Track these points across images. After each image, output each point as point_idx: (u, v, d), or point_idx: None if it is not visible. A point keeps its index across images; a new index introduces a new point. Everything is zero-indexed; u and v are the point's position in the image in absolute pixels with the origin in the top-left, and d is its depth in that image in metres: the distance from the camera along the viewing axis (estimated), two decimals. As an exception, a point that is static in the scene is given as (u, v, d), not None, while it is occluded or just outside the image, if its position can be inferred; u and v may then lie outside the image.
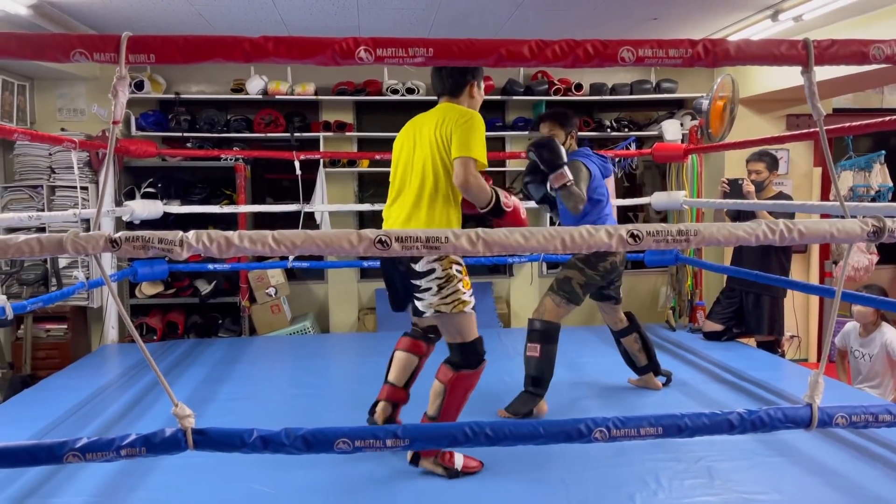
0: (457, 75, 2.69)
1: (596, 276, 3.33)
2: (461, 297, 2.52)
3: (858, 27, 4.42)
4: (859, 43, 1.58)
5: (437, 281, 2.51)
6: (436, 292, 2.51)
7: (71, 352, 4.96)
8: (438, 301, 2.51)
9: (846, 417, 1.60)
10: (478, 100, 2.77)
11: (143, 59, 1.41)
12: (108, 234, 1.40)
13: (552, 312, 3.32)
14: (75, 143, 3.68)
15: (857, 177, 5.74)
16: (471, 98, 2.73)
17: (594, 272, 3.33)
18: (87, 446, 1.46)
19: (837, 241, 1.55)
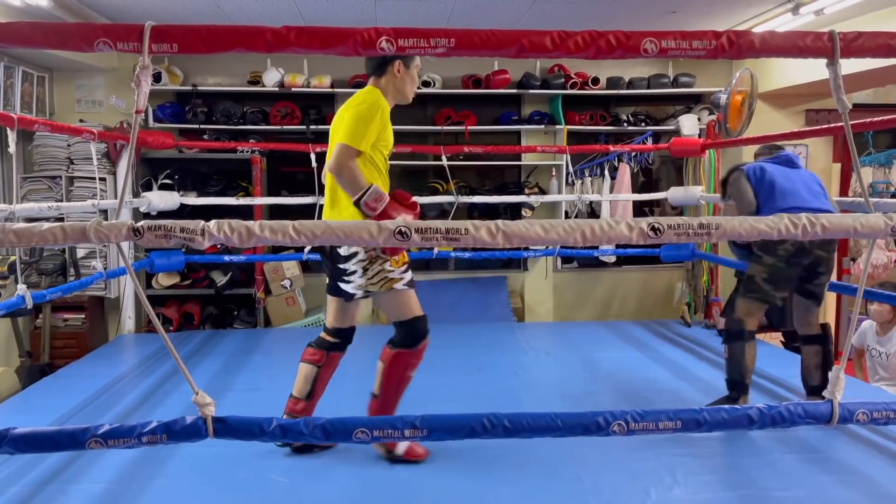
0: (374, 60, 2.66)
1: (779, 262, 3.00)
2: (388, 275, 2.53)
3: (880, 21, 4.36)
4: (886, 35, 1.56)
5: (361, 263, 2.53)
6: (361, 274, 2.54)
7: (88, 341, 5.00)
8: (366, 282, 2.54)
9: (867, 414, 1.58)
10: (406, 80, 2.68)
11: (166, 49, 1.42)
12: (130, 223, 1.41)
13: (741, 309, 3.14)
14: (94, 135, 3.71)
15: (876, 173, 5.67)
16: (394, 77, 2.66)
17: (774, 258, 3.01)
18: (109, 433, 1.48)
19: (860, 236, 1.53)
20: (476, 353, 4.37)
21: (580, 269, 6.19)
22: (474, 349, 4.48)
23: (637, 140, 5.79)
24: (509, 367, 4.10)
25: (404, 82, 2.69)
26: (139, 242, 1.42)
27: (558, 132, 5.82)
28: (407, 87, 2.71)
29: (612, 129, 5.91)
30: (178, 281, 5.35)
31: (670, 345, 4.67)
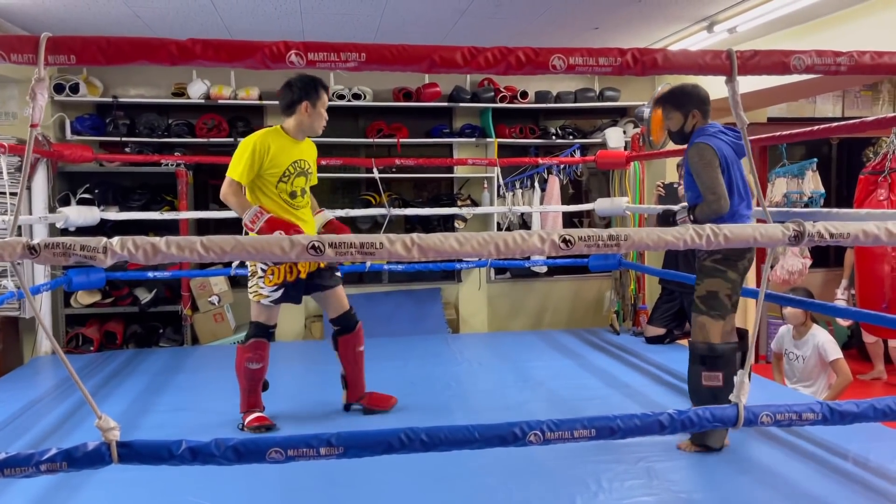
0: (287, 94, 3.15)
1: (738, 276, 2.85)
2: (259, 290, 3.17)
3: (791, 38, 4.58)
4: (780, 53, 1.64)
5: (250, 275, 3.23)
6: (250, 283, 3.23)
7: (1, 364, 4.75)
8: (249, 289, 3.23)
9: (771, 416, 1.65)
10: (312, 116, 3.15)
11: (64, 61, 1.37)
12: (25, 241, 1.35)
13: (717, 332, 2.83)
14: (4, 148, 3.55)
15: (790, 183, 5.95)
16: (303, 115, 3.14)
17: (736, 273, 2.84)
18: (4, 462, 1.40)
19: (760, 244, 1.60)
20: (409, 366, 4.36)
21: (513, 280, 6.26)
22: (408, 362, 4.46)
23: (566, 153, 5.91)
24: (442, 380, 4.10)
25: (315, 120, 3.16)
26: (36, 261, 1.36)
27: (489, 145, 5.89)
28: (315, 124, 3.18)
29: (542, 141, 6.02)
30: (100, 299, 5.14)
31: (600, 352, 4.76)
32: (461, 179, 6.06)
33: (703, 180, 2.79)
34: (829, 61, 1.63)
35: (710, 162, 2.79)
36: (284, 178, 3.13)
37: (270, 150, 3.07)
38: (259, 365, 3.20)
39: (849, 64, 1.64)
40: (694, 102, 2.96)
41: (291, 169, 3.14)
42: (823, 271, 7.01)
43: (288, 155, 3.13)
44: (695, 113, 2.95)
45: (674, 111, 3.00)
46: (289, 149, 3.14)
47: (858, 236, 1.62)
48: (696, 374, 2.86)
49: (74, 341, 5.06)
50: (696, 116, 2.95)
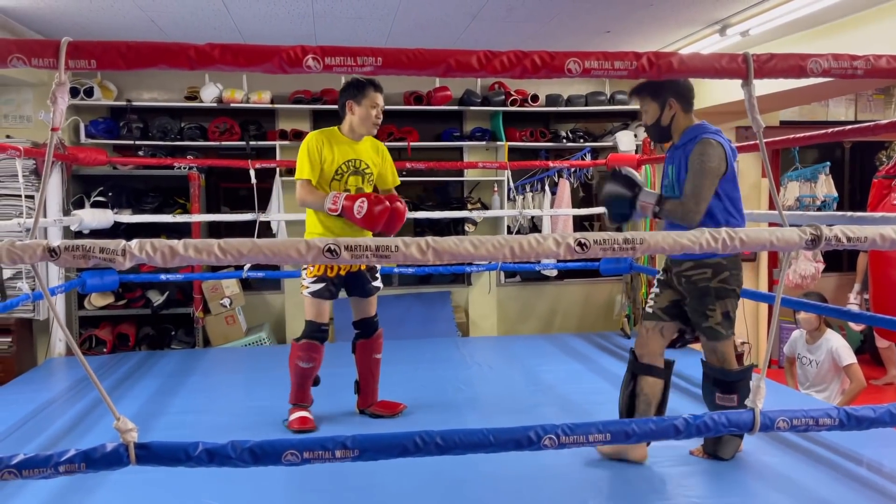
0: (340, 96, 3.26)
1: (738, 289, 2.67)
2: (302, 282, 3.27)
3: (804, 42, 4.57)
4: (797, 57, 1.63)
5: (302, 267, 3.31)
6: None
7: (16, 366, 4.79)
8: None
9: (787, 421, 1.64)
10: (358, 114, 3.19)
11: (84, 66, 1.38)
12: (46, 244, 1.36)
13: (731, 354, 2.69)
14: (20, 151, 3.58)
15: (803, 187, 5.92)
16: (351, 115, 3.21)
17: (739, 288, 2.67)
18: (23, 463, 1.41)
19: (777, 248, 1.59)
20: (420, 370, 4.36)
21: (523, 284, 6.25)
22: (418, 365, 4.47)
23: (576, 156, 5.90)
24: (453, 383, 4.09)
25: (360, 116, 3.19)
26: (56, 263, 1.37)
27: (500, 148, 5.89)
28: (363, 123, 3.20)
29: (552, 145, 6.01)
30: (113, 301, 5.18)
31: (611, 356, 4.75)
32: (471, 183, 6.06)
33: (695, 183, 2.48)
34: (846, 65, 1.62)
35: (714, 169, 2.48)
36: (337, 176, 3.18)
37: (322, 148, 3.15)
38: (309, 364, 3.25)
39: (865, 68, 1.63)
40: (670, 91, 2.62)
41: (343, 167, 3.18)
42: (836, 275, 6.97)
43: (340, 154, 3.18)
44: (671, 102, 2.63)
45: (650, 101, 2.67)
46: (341, 148, 3.20)
47: (875, 240, 1.61)
48: (711, 394, 2.73)
49: (88, 343, 5.09)
50: (673, 107, 2.64)
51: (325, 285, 3.22)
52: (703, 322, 2.64)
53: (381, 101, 3.22)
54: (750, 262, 6.38)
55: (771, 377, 4.68)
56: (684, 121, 2.66)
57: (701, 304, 2.63)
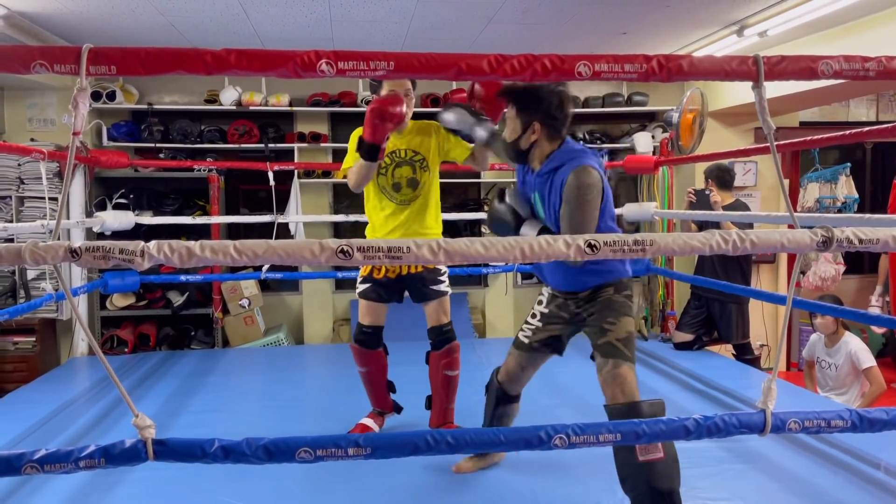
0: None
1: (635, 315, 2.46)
2: (357, 283, 3.13)
3: (823, 42, 4.53)
4: (808, 59, 1.63)
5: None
6: None
7: (39, 365, 4.89)
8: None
9: (799, 423, 1.64)
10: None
11: (105, 71, 1.42)
12: (67, 245, 1.40)
13: (634, 385, 2.28)
14: (44, 154, 3.65)
15: (823, 188, 5.86)
16: None
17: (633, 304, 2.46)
18: (45, 458, 1.45)
19: (788, 250, 1.59)
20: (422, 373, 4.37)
21: (540, 285, 6.22)
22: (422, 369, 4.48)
23: (593, 157, 5.88)
24: (468, 384, 4.08)
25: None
26: (77, 264, 1.41)
27: (516, 150, 5.89)
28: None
29: (569, 146, 6.00)
30: (134, 301, 5.26)
31: (627, 359, 4.73)
32: (488, 185, 6.07)
33: (576, 220, 2.21)
34: (858, 66, 1.62)
35: (593, 201, 2.21)
36: (382, 170, 2.97)
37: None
38: (365, 368, 3.17)
39: (878, 69, 1.62)
40: (538, 112, 2.30)
41: (388, 160, 2.96)
42: (858, 278, 6.89)
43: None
44: (535, 127, 2.31)
45: (515, 115, 2.35)
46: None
47: (888, 242, 1.60)
48: (627, 450, 2.16)
49: (109, 343, 5.18)
50: (536, 132, 2.31)
51: (371, 286, 3.06)
52: (600, 339, 2.31)
53: (401, 86, 2.90)
54: (769, 265, 6.32)
55: (790, 381, 4.65)
56: (548, 148, 2.33)
57: (601, 318, 2.35)
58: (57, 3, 3.99)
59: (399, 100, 2.72)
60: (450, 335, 3.16)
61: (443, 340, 3.14)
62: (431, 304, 3.14)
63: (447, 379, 3.15)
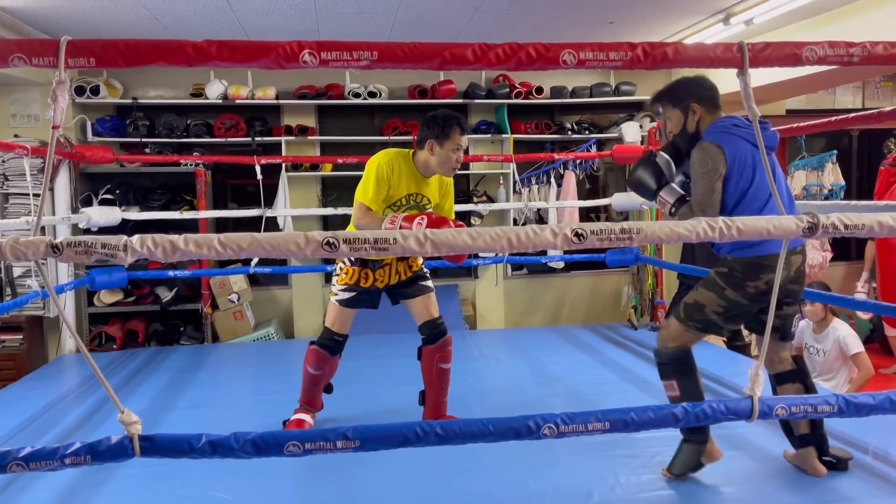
0: (423, 128, 2.96)
1: (743, 299, 2.38)
2: (333, 289, 3.12)
3: (809, 29, 4.54)
4: (792, 45, 1.63)
5: (334, 275, 3.16)
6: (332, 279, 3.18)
7: (27, 362, 4.85)
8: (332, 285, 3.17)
9: (786, 408, 1.64)
10: (438, 156, 2.90)
11: (84, 64, 1.40)
12: (48, 240, 1.38)
13: (677, 336, 2.53)
14: (27, 150, 3.62)
15: (809, 176, 5.89)
16: (430, 154, 2.92)
17: (740, 294, 2.38)
18: (30, 455, 1.44)
19: (774, 236, 1.59)
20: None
21: (530, 276, 6.26)
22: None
23: (581, 148, 5.89)
24: (460, 375, 4.08)
25: (436, 158, 2.92)
26: (59, 259, 1.40)
27: (505, 141, 5.89)
28: (440, 165, 2.93)
29: (558, 137, 6.01)
30: (122, 298, 5.23)
31: (618, 347, 4.76)
32: (477, 176, 6.07)
33: (696, 190, 2.38)
34: (842, 52, 1.62)
35: (711, 171, 2.33)
36: (395, 206, 2.96)
37: (392, 176, 2.92)
38: (318, 372, 3.14)
39: (861, 55, 1.63)
40: (693, 94, 2.48)
41: (404, 200, 2.97)
42: (845, 264, 6.94)
43: (406, 185, 2.96)
44: (694, 107, 2.47)
45: (672, 109, 2.53)
46: (410, 180, 2.96)
47: (874, 227, 1.61)
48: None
49: (98, 340, 5.14)
50: (696, 111, 2.47)
51: (355, 295, 3.06)
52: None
53: (465, 143, 2.92)
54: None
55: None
56: (711, 122, 2.47)
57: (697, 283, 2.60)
58: (38, -3, 3.95)
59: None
60: (444, 328, 3.14)
61: (438, 334, 3.12)
62: (420, 299, 3.13)
63: (442, 372, 3.13)
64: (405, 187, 2.95)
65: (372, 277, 3.05)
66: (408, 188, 2.96)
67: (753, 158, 2.37)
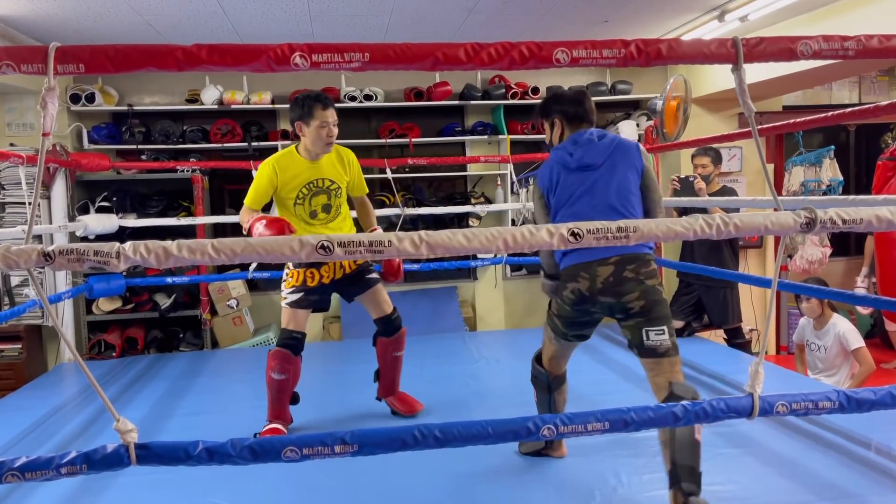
0: (291, 115, 3.11)
1: (565, 305, 2.48)
2: (282, 293, 3.20)
3: (805, 25, 4.53)
4: (787, 40, 1.62)
5: (282, 280, 3.25)
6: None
7: (26, 372, 4.83)
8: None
9: (787, 405, 1.63)
10: (309, 136, 3.05)
11: (73, 70, 1.39)
12: (40, 248, 1.37)
13: (545, 345, 2.75)
14: (22, 159, 3.60)
15: (807, 172, 5.87)
16: (302, 136, 3.08)
17: (561, 301, 2.50)
18: (26, 465, 1.43)
19: (771, 233, 1.58)
20: (427, 365, 4.37)
21: (529, 277, 6.24)
22: (425, 360, 4.47)
23: (579, 147, 5.87)
24: (460, 378, 4.10)
25: (310, 138, 3.06)
26: (51, 267, 1.38)
27: (502, 142, 5.88)
28: (314, 143, 3.06)
29: (555, 137, 5.99)
30: (120, 305, 5.21)
31: (618, 347, 4.74)
32: (474, 177, 6.06)
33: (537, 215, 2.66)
34: (837, 46, 1.61)
35: (536, 200, 2.64)
36: (299, 200, 3.11)
37: (279, 175, 3.07)
38: (283, 376, 3.11)
39: (857, 48, 1.62)
40: (555, 109, 2.58)
41: (304, 191, 3.10)
42: (844, 260, 6.93)
43: (298, 178, 3.09)
44: (556, 121, 2.58)
45: (543, 121, 2.65)
46: (300, 170, 3.09)
47: (872, 222, 1.60)
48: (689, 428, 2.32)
49: (97, 347, 5.13)
50: (558, 125, 2.58)
51: (303, 295, 3.15)
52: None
53: (332, 118, 3.03)
54: (756, 249, 6.35)
55: (783, 364, 4.67)
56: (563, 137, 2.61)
57: None
58: (30, 5, 3.94)
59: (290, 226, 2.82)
60: (398, 322, 3.35)
61: (393, 329, 3.33)
62: (373, 291, 3.28)
63: (395, 359, 3.37)
64: (299, 179, 3.08)
65: (318, 275, 3.16)
66: (300, 179, 3.08)
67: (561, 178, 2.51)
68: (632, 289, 2.34)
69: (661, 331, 2.35)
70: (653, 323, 2.34)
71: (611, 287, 2.35)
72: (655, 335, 2.35)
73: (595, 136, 2.50)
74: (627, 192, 2.44)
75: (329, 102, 3.05)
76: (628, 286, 2.34)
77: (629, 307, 2.35)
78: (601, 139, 2.50)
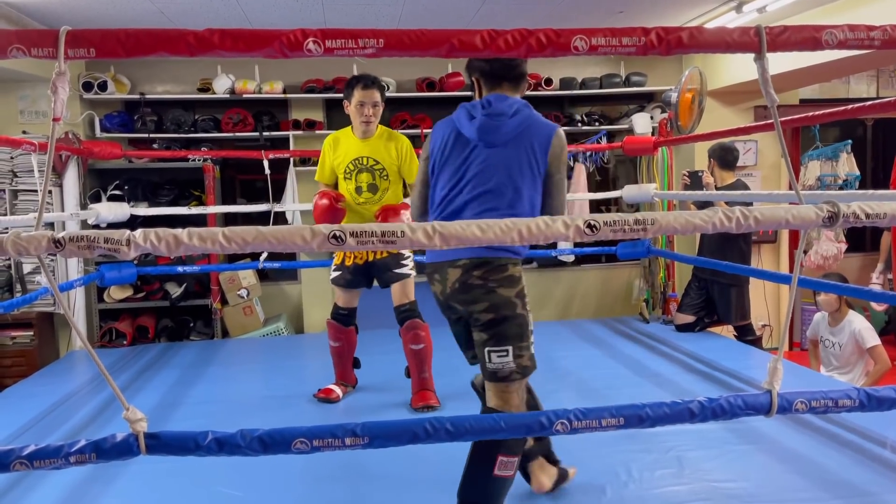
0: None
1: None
2: (330, 268, 3.52)
3: (821, 17, 4.46)
4: (812, 29, 1.58)
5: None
6: None
7: (38, 359, 4.85)
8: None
9: (806, 403, 1.60)
10: (351, 113, 3.32)
11: (84, 54, 1.37)
12: (50, 235, 1.35)
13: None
14: (35, 146, 3.60)
15: (824, 166, 5.80)
16: (348, 113, 3.35)
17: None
18: (34, 454, 1.42)
19: (793, 226, 1.55)
20: (436, 357, 4.30)
21: (540, 270, 6.20)
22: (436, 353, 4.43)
23: (592, 139, 5.84)
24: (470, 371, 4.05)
25: (353, 117, 3.33)
26: (61, 254, 1.37)
27: (514, 133, 5.83)
28: (355, 121, 3.33)
29: (567, 129, 5.92)
30: (132, 294, 5.22)
31: (629, 341, 4.71)
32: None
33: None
34: (863, 35, 1.56)
35: (422, 160, 2.29)
36: (347, 175, 3.36)
37: (333, 149, 3.40)
38: (337, 343, 3.52)
39: (882, 38, 1.57)
40: (477, 68, 2.23)
41: (351, 166, 3.34)
42: (860, 256, 6.85)
43: (346, 153, 3.35)
44: (474, 79, 2.26)
45: (469, 77, 2.33)
46: (350, 147, 3.35)
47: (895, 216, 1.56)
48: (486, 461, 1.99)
49: (108, 336, 5.14)
50: (476, 85, 2.26)
51: (341, 274, 3.43)
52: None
53: (369, 98, 3.25)
54: (770, 244, 6.28)
55: (794, 360, 4.62)
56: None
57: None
58: (43, -8, 3.93)
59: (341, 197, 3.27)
60: (409, 314, 3.40)
61: (404, 318, 3.40)
62: (395, 286, 3.42)
63: (413, 352, 3.40)
64: (346, 156, 3.35)
65: (353, 256, 3.38)
66: (349, 155, 3.34)
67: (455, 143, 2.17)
68: (477, 297, 2.03)
69: (503, 352, 2.00)
70: (496, 342, 2.01)
71: (456, 293, 2.07)
72: (498, 357, 2.01)
73: (508, 108, 2.11)
74: (517, 186, 2.07)
75: (369, 83, 3.27)
76: (474, 294, 2.04)
77: (476, 318, 2.05)
78: (514, 114, 2.10)
